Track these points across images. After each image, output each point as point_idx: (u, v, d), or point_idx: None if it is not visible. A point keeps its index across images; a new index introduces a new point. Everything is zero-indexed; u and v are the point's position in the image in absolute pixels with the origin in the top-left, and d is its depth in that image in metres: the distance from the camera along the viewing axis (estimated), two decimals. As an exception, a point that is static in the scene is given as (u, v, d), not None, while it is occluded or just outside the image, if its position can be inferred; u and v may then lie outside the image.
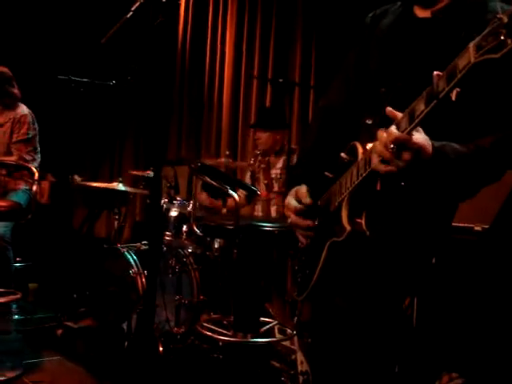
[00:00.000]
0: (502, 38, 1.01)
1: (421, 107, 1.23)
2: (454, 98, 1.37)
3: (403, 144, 1.29)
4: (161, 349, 3.40)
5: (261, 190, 3.74)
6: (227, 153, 4.09)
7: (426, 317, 2.83)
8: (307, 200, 1.69)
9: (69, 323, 3.98)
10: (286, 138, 3.95)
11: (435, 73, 1.20)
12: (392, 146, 1.29)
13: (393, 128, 1.31)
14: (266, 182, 3.65)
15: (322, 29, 4.74)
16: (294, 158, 3.50)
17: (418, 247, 1.61)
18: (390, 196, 1.53)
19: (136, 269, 3.60)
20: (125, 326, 3.60)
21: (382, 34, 1.69)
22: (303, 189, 1.73)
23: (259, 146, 4.03)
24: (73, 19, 6.81)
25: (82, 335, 3.87)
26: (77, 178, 4.77)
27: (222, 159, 3.88)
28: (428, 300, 2.83)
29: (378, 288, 1.61)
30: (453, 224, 2.66)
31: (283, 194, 3.62)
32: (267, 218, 3.64)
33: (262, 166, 3.68)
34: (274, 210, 3.81)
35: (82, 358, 3.57)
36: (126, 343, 3.52)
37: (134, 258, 3.68)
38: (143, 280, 3.56)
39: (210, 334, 3.05)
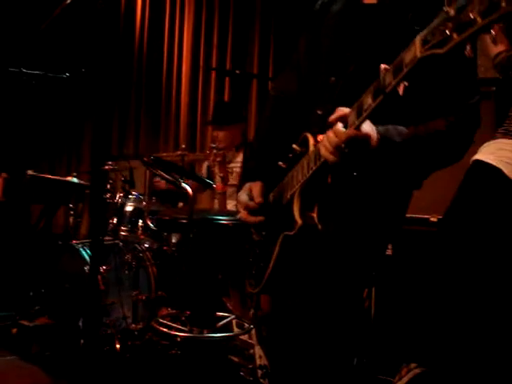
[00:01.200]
0: (448, 32, 0.99)
1: (368, 101, 1.22)
2: (401, 93, 1.36)
3: (353, 139, 1.28)
4: (118, 346, 3.35)
5: (216, 183, 3.70)
6: (183, 146, 4.04)
7: (384, 308, 2.84)
8: (258, 199, 1.67)
9: (24, 322, 3.89)
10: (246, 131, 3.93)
11: (382, 66, 1.19)
12: (343, 145, 1.28)
13: (340, 126, 1.30)
14: (221, 175, 3.62)
15: (281, 20, 4.72)
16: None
17: (371, 239, 1.60)
18: (342, 188, 1.51)
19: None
20: (80, 323, 3.53)
21: (332, 22, 1.67)
22: (257, 186, 1.71)
23: (219, 143, 3.97)
24: (24, 10, 6.63)
25: (38, 334, 3.79)
26: (31, 173, 4.66)
27: (179, 152, 3.83)
28: (386, 292, 2.84)
29: (333, 281, 1.59)
30: (409, 215, 2.67)
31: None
32: (222, 211, 3.60)
33: (218, 159, 3.65)
34: (230, 204, 3.78)
35: (37, 357, 3.49)
36: (82, 341, 3.45)
37: (90, 254, 3.60)
38: (99, 276, 3.49)
39: (165, 330, 3.01)
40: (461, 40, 0.97)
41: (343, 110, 1.32)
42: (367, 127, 1.32)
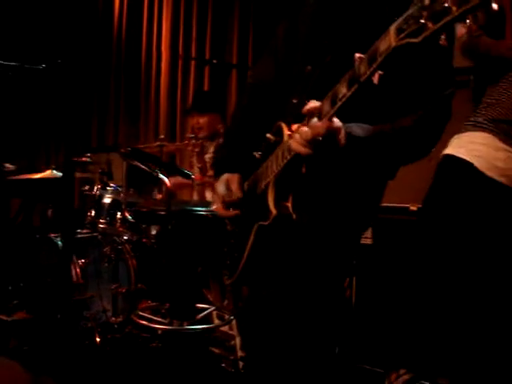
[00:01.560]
0: (423, 21, 0.97)
1: (343, 90, 1.20)
2: (376, 82, 1.35)
3: (330, 133, 1.27)
4: (98, 339, 3.33)
5: (195, 174, 3.67)
6: (162, 136, 3.99)
7: (365, 297, 2.84)
8: (238, 194, 1.64)
9: (2, 316, 3.84)
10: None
11: (357, 55, 1.17)
12: (321, 138, 1.26)
13: (315, 120, 1.28)
14: (199, 165, 3.59)
15: (260, 8, 4.69)
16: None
17: (345, 228, 1.58)
18: (316, 178, 1.50)
19: (69, 258, 3.48)
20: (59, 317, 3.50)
21: (310, 9, 1.65)
22: (235, 179, 1.67)
23: (199, 131, 3.91)
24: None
25: (16, 328, 3.74)
26: (9, 166, 4.59)
27: (157, 143, 3.79)
28: (366, 281, 2.85)
29: (308, 270, 1.57)
30: (389, 204, 2.66)
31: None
32: (201, 202, 3.58)
33: (196, 149, 3.62)
34: (209, 194, 3.75)
35: (15, 351, 3.45)
36: (61, 335, 3.42)
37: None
38: (77, 269, 3.46)
39: (145, 322, 2.99)
40: (436, 29, 0.96)
41: (316, 103, 1.30)
42: (337, 122, 1.30)
